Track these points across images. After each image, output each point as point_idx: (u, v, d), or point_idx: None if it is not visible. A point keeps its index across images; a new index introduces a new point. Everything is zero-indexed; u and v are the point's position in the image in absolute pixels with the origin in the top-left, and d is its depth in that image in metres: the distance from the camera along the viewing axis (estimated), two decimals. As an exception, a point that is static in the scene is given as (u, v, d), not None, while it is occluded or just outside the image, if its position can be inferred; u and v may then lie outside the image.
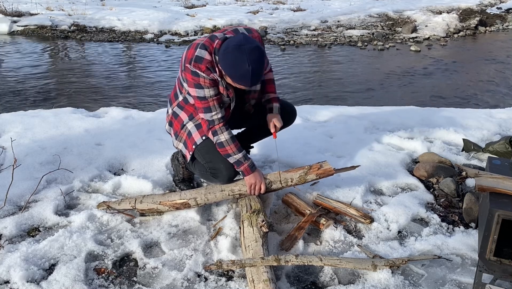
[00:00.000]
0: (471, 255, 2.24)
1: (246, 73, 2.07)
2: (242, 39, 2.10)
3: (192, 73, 2.19)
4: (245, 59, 2.05)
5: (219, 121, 2.30)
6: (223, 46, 2.13)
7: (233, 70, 2.10)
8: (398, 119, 4.03)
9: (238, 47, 2.06)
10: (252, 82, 2.12)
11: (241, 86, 2.18)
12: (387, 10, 13.71)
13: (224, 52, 2.10)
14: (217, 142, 2.32)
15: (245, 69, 2.06)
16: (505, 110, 4.46)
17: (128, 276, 2.08)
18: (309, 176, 2.39)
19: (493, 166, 2.34)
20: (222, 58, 2.12)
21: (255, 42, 2.13)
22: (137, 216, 2.50)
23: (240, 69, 2.07)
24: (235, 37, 2.14)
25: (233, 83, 2.20)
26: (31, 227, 2.38)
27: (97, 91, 6.83)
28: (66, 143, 3.24)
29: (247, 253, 2.10)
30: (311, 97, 6.68)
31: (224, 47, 2.12)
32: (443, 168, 3.02)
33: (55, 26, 11.10)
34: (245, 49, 2.06)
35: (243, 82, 2.13)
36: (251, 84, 2.13)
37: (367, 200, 2.69)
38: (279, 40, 10.58)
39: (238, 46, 2.07)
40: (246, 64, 2.05)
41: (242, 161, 2.32)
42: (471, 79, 7.65)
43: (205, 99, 2.24)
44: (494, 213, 1.82)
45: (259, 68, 2.10)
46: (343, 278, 2.09)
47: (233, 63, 2.08)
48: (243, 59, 2.05)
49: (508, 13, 14.24)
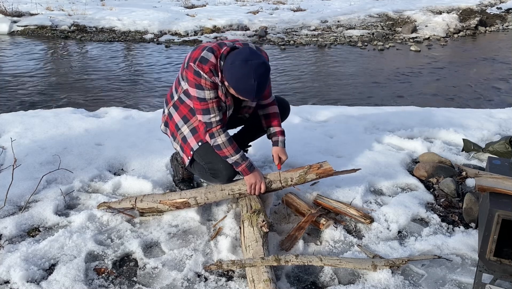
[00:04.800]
0: (471, 255, 2.24)
1: (251, 88, 2.10)
2: (249, 54, 2.11)
3: (194, 73, 2.20)
4: (251, 75, 2.07)
5: (217, 124, 2.30)
6: (229, 59, 2.15)
7: (238, 84, 2.13)
8: (398, 119, 4.03)
9: (245, 62, 2.08)
10: (256, 96, 2.16)
11: (244, 98, 2.23)
12: (387, 10, 13.71)
13: (231, 66, 2.12)
14: (214, 144, 2.32)
15: (250, 84, 2.09)
16: (505, 110, 4.46)
17: (128, 276, 2.08)
18: (309, 176, 2.39)
19: (493, 166, 2.34)
20: (228, 71, 2.14)
21: (262, 57, 2.14)
22: (137, 216, 2.50)
23: (245, 84, 2.10)
24: (242, 50, 2.15)
25: (235, 94, 2.23)
26: (31, 227, 2.38)
27: (97, 91, 6.83)
28: (66, 143, 3.24)
29: (248, 253, 2.10)
30: (311, 97, 6.67)
31: (231, 60, 2.13)
32: (443, 168, 3.02)
33: (55, 26, 11.10)
34: (252, 64, 2.07)
35: (247, 96, 2.17)
36: (254, 98, 2.18)
37: (367, 200, 2.69)
38: (279, 40, 10.58)
39: (245, 61, 2.08)
40: (252, 79, 2.07)
41: (239, 162, 2.33)
42: (471, 80, 7.64)
43: (205, 100, 2.24)
44: (494, 213, 1.82)
45: (264, 83, 2.14)
46: (343, 278, 2.09)
47: (239, 77, 2.10)
48: (249, 74, 2.07)
49: (508, 13, 14.24)
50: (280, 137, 2.51)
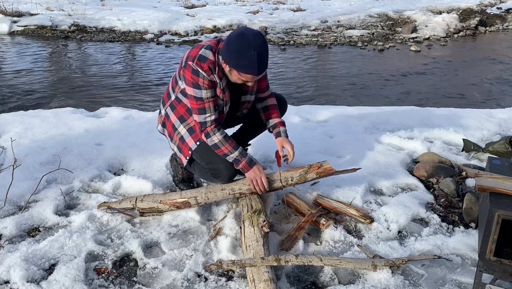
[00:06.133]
0: (471, 255, 2.24)
1: (252, 59, 2.06)
2: (244, 29, 2.12)
3: (192, 72, 2.19)
4: (249, 45, 2.05)
5: (211, 123, 2.29)
6: (225, 40, 2.15)
7: (239, 58, 2.09)
8: (398, 119, 4.03)
9: (241, 35, 2.08)
10: (259, 68, 2.10)
11: (247, 77, 2.15)
12: (387, 10, 13.72)
13: (227, 43, 2.11)
14: (212, 144, 2.32)
15: (250, 54, 2.05)
16: (505, 110, 4.46)
17: (128, 276, 2.08)
18: (309, 175, 2.39)
19: (493, 166, 2.34)
20: (226, 50, 2.12)
21: (257, 30, 2.14)
22: (137, 216, 2.50)
23: (246, 55, 2.06)
24: (236, 30, 2.16)
25: (239, 76, 2.16)
26: (31, 227, 2.38)
27: (97, 91, 6.83)
28: (66, 143, 3.24)
29: (248, 252, 2.10)
30: (311, 97, 6.68)
31: (227, 40, 2.13)
32: (443, 168, 3.02)
33: (55, 26, 11.11)
34: (248, 35, 2.06)
35: (250, 70, 2.10)
36: (258, 71, 2.11)
37: (367, 200, 2.69)
38: (279, 40, 10.58)
39: (240, 34, 2.08)
40: (251, 49, 2.05)
41: (239, 158, 2.32)
42: (471, 80, 7.65)
43: (201, 100, 2.24)
44: (494, 213, 1.82)
45: (264, 53, 2.10)
46: (343, 278, 2.09)
47: (238, 50, 2.07)
48: (247, 45, 2.05)
49: (508, 13, 14.24)
50: (281, 128, 2.48)
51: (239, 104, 2.46)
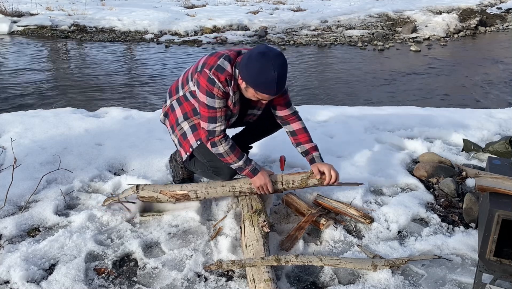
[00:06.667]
0: (471, 255, 2.24)
1: (272, 80, 2.04)
2: (265, 48, 2.08)
3: (208, 80, 2.16)
4: (270, 66, 2.02)
5: (220, 133, 2.27)
6: (245, 56, 2.11)
7: (258, 78, 2.06)
8: (398, 119, 4.03)
9: (262, 54, 2.04)
10: (277, 89, 2.08)
11: (264, 96, 2.13)
12: (387, 10, 13.72)
13: (248, 61, 2.07)
14: (216, 153, 2.30)
15: (271, 76, 2.02)
16: (505, 110, 4.46)
17: (128, 276, 2.08)
18: (311, 180, 2.39)
19: (493, 166, 2.34)
20: (245, 67, 2.09)
21: (278, 50, 2.11)
22: (137, 216, 2.50)
23: (266, 76, 2.03)
24: (257, 47, 2.12)
25: (255, 94, 2.14)
26: (31, 227, 2.38)
27: (97, 91, 6.84)
28: (66, 143, 3.24)
29: (249, 252, 2.10)
30: (311, 97, 6.68)
31: (247, 56, 2.09)
32: (443, 168, 3.02)
33: (55, 26, 11.11)
34: (269, 56, 2.03)
35: (268, 90, 2.08)
36: (276, 91, 2.09)
37: (367, 200, 2.69)
38: (279, 40, 10.58)
39: (262, 53, 2.04)
40: (271, 70, 2.02)
41: (243, 167, 2.31)
42: (471, 79, 7.65)
43: (214, 109, 2.22)
44: (494, 213, 1.82)
45: (284, 75, 2.08)
46: (343, 278, 2.09)
47: (259, 70, 2.04)
48: (268, 65, 2.02)
49: (508, 13, 14.25)
50: (314, 154, 2.39)
51: (244, 116, 2.46)
